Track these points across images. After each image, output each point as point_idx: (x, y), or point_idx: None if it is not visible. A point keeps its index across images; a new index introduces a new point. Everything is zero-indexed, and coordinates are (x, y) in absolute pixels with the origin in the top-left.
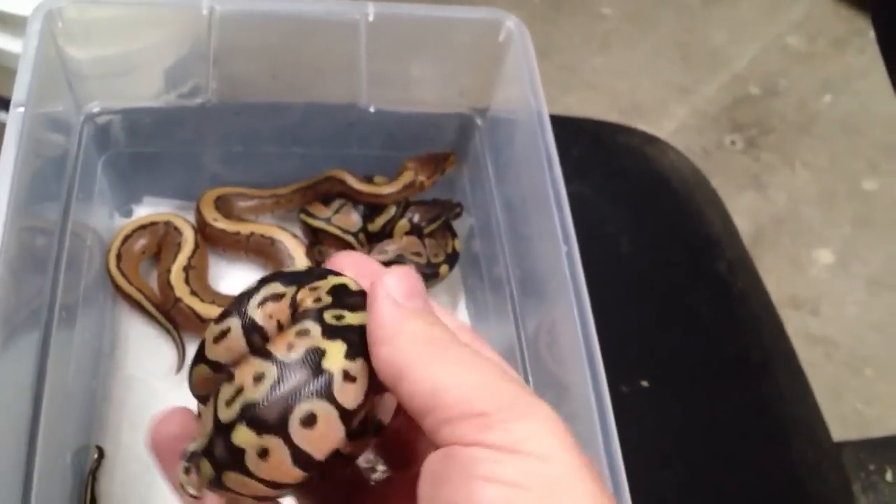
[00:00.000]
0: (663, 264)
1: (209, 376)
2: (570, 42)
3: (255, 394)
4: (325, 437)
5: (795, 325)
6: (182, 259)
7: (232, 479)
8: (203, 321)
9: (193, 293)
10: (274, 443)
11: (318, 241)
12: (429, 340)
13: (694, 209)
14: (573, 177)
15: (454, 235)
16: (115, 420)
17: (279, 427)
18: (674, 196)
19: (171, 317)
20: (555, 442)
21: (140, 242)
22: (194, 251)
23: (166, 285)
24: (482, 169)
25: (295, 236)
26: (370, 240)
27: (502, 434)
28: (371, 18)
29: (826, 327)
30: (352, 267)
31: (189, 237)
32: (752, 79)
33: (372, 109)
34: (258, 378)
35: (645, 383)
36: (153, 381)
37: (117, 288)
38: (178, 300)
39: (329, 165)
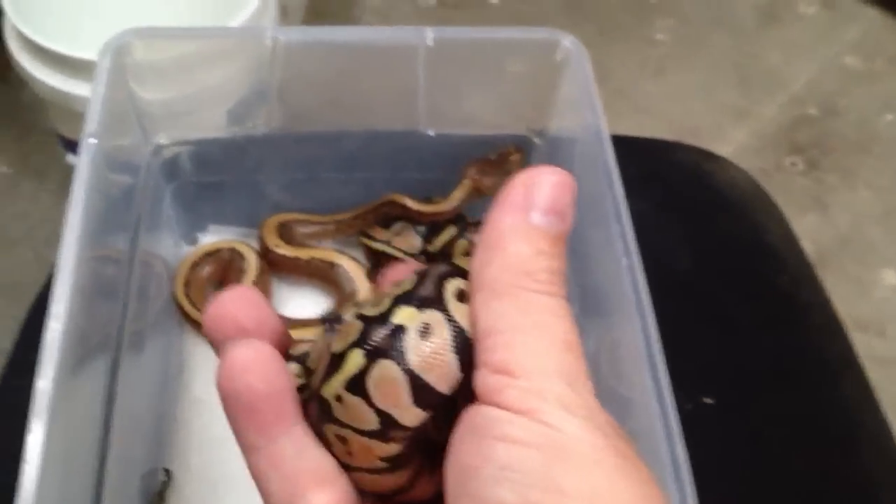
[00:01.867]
0: (724, 279)
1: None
2: (623, 67)
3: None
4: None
5: (862, 348)
6: (246, 284)
7: (347, 402)
8: None
9: None
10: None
11: (378, 263)
12: (525, 272)
13: (754, 223)
14: (630, 195)
15: None
16: (182, 442)
17: (397, 354)
18: (733, 210)
19: None
20: (572, 420)
21: (206, 269)
22: (257, 276)
23: None
24: None
25: (355, 260)
26: (430, 261)
27: (520, 399)
28: (430, 43)
29: (893, 349)
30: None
31: (252, 263)
32: (810, 99)
33: (431, 133)
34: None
35: (708, 400)
36: (219, 403)
37: (185, 314)
38: None
39: (388, 190)
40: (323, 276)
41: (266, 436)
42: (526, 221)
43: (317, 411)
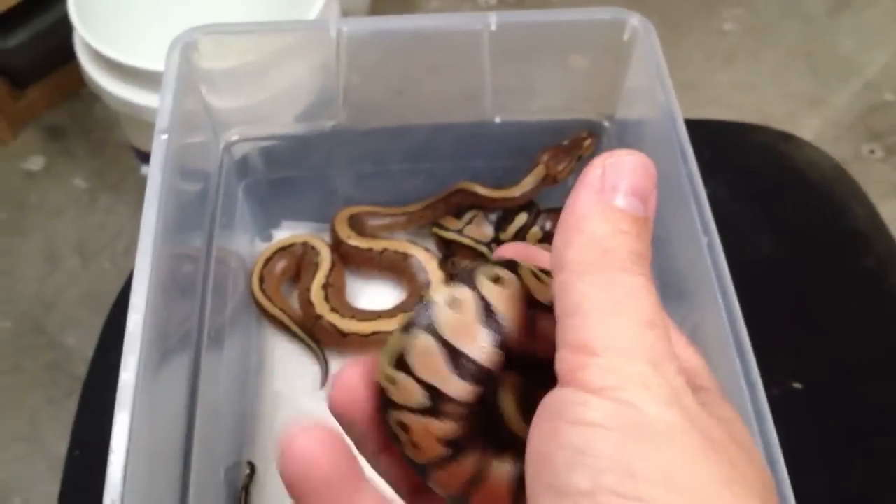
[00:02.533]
0: (807, 263)
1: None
2: (691, 59)
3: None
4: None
5: None
6: (320, 277)
7: (398, 382)
8: (344, 336)
9: (333, 310)
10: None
11: (451, 253)
12: (606, 251)
13: (837, 204)
14: (706, 178)
15: None
16: (264, 436)
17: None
18: (814, 192)
19: (313, 334)
20: (651, 398)
21: (280, 264)
22: (331, 269)
23: (307, 303)
24: None
25: (427, 250)
26: None
27: (599, 376)
28: (493, 28)
29: None
30: (517, 255)
31: (326, 256)
32: (885, 85)
33: (498, 120)
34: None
35: (797, 385)
36: (299, 397)
37: (261, 309)
38: (318, 317)
39: (457, 179)
40: (396, 267)
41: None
42: (604, 202)
43: (381, 403)
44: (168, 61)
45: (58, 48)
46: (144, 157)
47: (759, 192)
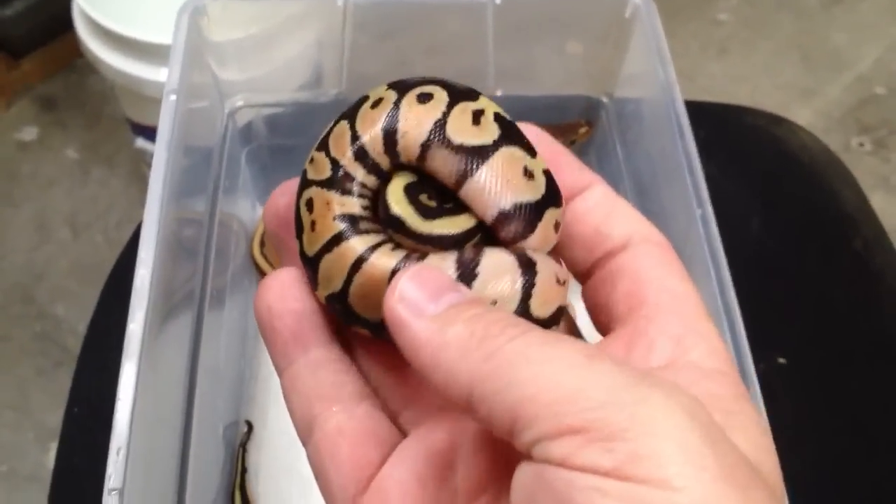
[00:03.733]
0: (796, 243)
1: None
2: (687, 49)
3: None
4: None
5: None
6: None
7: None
8: None
9: None
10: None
11: None
12: (481, 341)
13: (826, 187)
14: (700, 158)
15: None
16: (262, 397)
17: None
18: (805, 175)
19: None
20: (683, 460)
21: None
22: None
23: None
24: (610, 147)
25: None
26: None
27: (603, 454)
28: (498, 2)
29: None
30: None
31: None
32: (876, 79)
33: (499, 93)
34: None
35: (782, 360)
36: None
37: (261, 273)
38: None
39: None
40: None
41: (285, 357)
42: (433, 316)
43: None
44: (177, 26)
45: (54, 18)
46: (140, 131)
47: (752, 173)
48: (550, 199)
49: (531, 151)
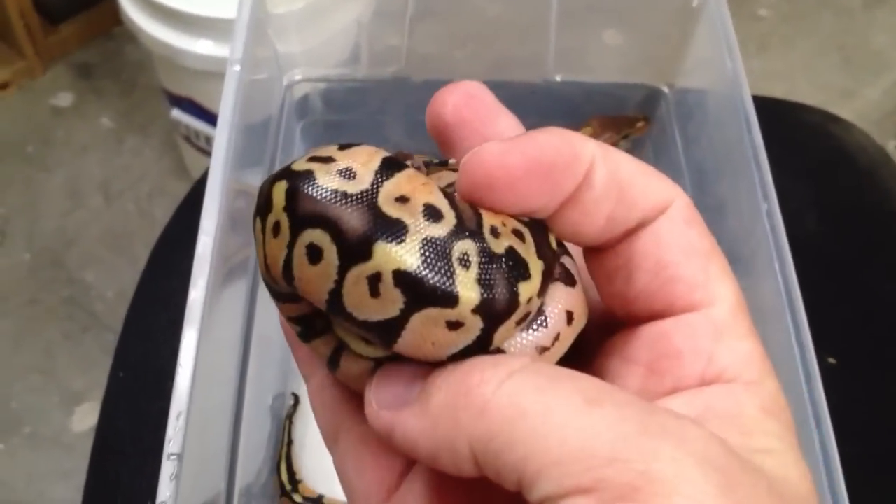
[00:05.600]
0: (850, 242)
1: None
2: None
3: None
4: None
5: None
6: None
7: None
8: None
9: None
10: None
11: None
12: (466, 398)
13: (883, 188)
14: None
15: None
16: None
17: None
18: (859, 173)
19: None
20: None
21: None
22: None
23: None
24: (669, 138)
25: None
26: None
27: None
28: None
29: None
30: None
31: None
32: None
33: (559, 79)
34: None
35: (832, 360)
36: None
37: None
38: None
39: None
40: None
41: (311, 367)
42: (403, 414)
43: None
44: None
45: None
46: (176, 101)
47: (806, 169)
48: (493, 320)
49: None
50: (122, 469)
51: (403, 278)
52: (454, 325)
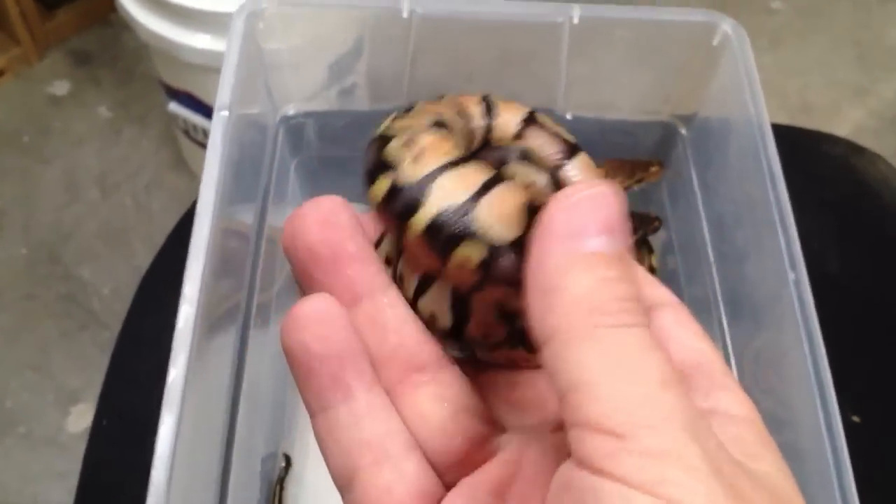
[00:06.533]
0: (876, 286)
1: None
2: None
3: None
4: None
5: None
6: None
7: None
8: None
9: None
10: None
11: None
12: (593, 309)
13: None
14: None
15: (651, 251)
16: (302, 429)
17: None
18: (885, 211)
19: None
20: (695, 483)
21: None
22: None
23: None
24: (685, 181)
25: None
26: None
27: (635, 466)
28: (576, 21)
29: None
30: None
31: None
32: None
33: (569, 116)
34: None
35: (856, 419)
36: None
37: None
38: None
39: None
40: None
41: (322, 401)
42: (577, 250)
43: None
44: (232, 30)
45: None
46: (173, 94)
47: (828, 206)
48: None
49: None
50: None
51: None
52: None
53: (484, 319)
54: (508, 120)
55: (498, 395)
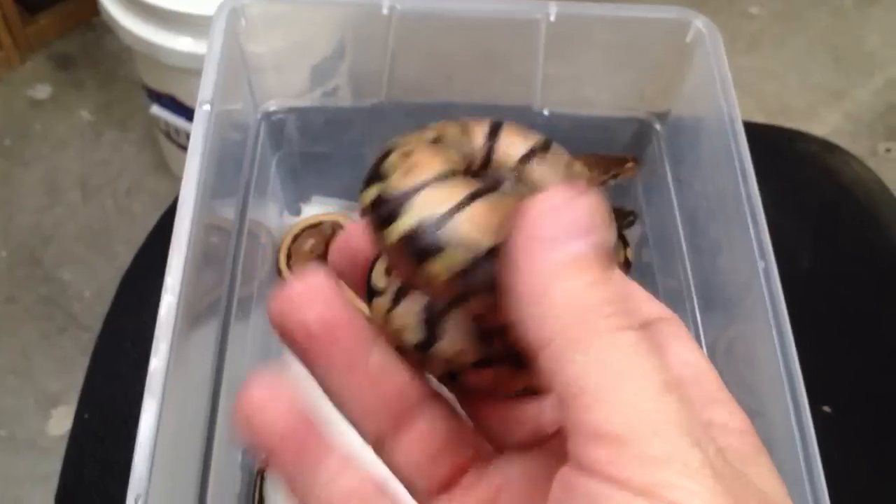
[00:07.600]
0: (848, 283)
1: None
2: None
3: None
4: None
5: None
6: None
7: None
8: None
9: None
10: None
11: None
12: (585, 313)
13: (882, 224)
14: None
15: (626, 244)
16: None
17: None
18: (859, 210)
19: None
20: (697, 486)
21: (309, 242)
22: None
23: None
24: (660, 176)
25: None
26: None
27: (636, 470)
28: (553, 18)
29: None
30: None
31: None
32: None
33: (546, 113)
34: None
35: (827, 409)
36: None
37: None
38: None
39: None
40: None
41: (299, 468)
42: (564, 253)
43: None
44: (214, 25)
45: None
46: (155, 97)
47: (802, 204)
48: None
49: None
50: None
51: None
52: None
53: (458, 336)
54: (513, 144)
55: (489, 413)
